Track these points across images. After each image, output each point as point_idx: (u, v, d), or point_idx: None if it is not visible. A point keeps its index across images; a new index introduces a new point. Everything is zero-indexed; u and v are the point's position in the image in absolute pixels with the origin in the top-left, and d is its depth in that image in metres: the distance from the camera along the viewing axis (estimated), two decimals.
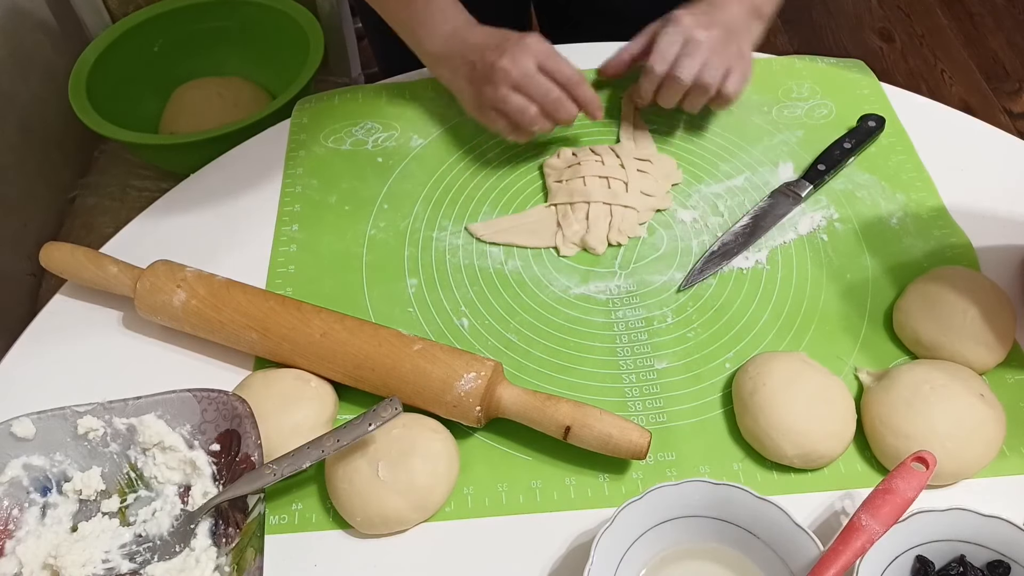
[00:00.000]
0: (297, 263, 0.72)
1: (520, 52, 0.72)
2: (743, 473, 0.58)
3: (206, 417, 0.57)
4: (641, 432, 0.56)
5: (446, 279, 0.71)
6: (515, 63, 0.72)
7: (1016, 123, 1.93)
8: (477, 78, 0.74)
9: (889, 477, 0.51)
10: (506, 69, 0.72)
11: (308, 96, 0.88)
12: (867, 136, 0.78)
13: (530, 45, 0.73)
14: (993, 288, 0.64)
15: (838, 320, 0.67)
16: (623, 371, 0.64)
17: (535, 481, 0.58)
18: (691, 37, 0.74)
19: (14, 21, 1.26)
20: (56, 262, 0.68)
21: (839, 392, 0.59)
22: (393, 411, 0.55)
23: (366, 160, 0.81)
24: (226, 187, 0.79)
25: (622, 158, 0.77)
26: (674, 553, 0.53)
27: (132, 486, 0.57)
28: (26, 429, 0.55)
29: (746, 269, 0.70)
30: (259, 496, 0.53)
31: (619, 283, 0.70)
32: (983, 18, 2.18)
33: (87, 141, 1.31)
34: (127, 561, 0.54)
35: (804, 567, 0.49)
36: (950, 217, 0.73)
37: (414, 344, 0.60)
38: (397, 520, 0.55)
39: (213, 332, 0.64)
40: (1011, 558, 0.50)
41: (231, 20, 1.31)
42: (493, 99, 0.73)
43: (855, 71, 0.87)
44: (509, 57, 0.72)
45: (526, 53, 0.72)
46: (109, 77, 1.22)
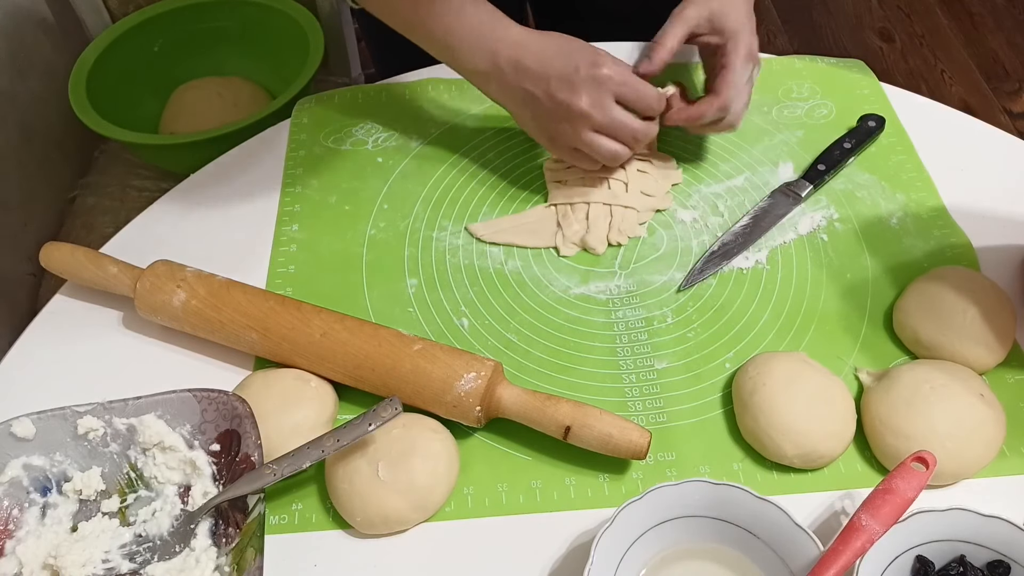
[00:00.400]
0: (297, 263, 0.72)
1: (597, 90, 0.67)
2: (743, 473, 0.58)
3: (206, 417, 0.57)
4: (641, 432, 0.56)
5: (446, 279, 0.71)
6: (596, 105, 0.67)
7: (1016, 123, 1.93)
8: (547, 115, 0.69)
9: (889, 477, 0.51)
10: (587, 113, 0.67)
11: (308, 96, 0.88)
12: (867, 136, 0.78)
13: (603, 77, 0.67)
14: (993, 288, 0.64)
15: (838, 320, 0.67)
16: (623, 371, 0.64)
17: (535, 481, 0.58)
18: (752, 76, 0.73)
19: (14, 21, 1.26)
20: (56, 262, 0.68)
21: (839, 392, 0.59)
22: (393, 411, 0.55)
23: (366, 160, 0.81)
24: (226, 187, 0.79)
25: None
26: (674, 553, 0.53)
27: (132, 486, 0.57)
28: (26, 429, 0.55)
29: (746, 269, 0.70)
30: (259, 496, 0.53)
31: (619, 283, 0.70)
32: (983, 18, 2.18)
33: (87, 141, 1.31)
34: (127, 561, 0.54)
35: (804, 567, 0.49)
36: (950, 217, 0.73)
37: (414, 344, 0.60)
38: (397, 520, 0.55)
39: (213, 332, 0.64)
40: (1011, 558, 0.50)
41: (231, 20, 1.31)
42: (574, 141, 0.69)
43: (855, 71, 0.87)
44: (587, 97, 0.66)
45: (603, 90, 0.67)
46: (109, 77, 1.22)
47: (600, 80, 0.66)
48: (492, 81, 0.70)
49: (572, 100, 0.66)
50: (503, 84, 0.69)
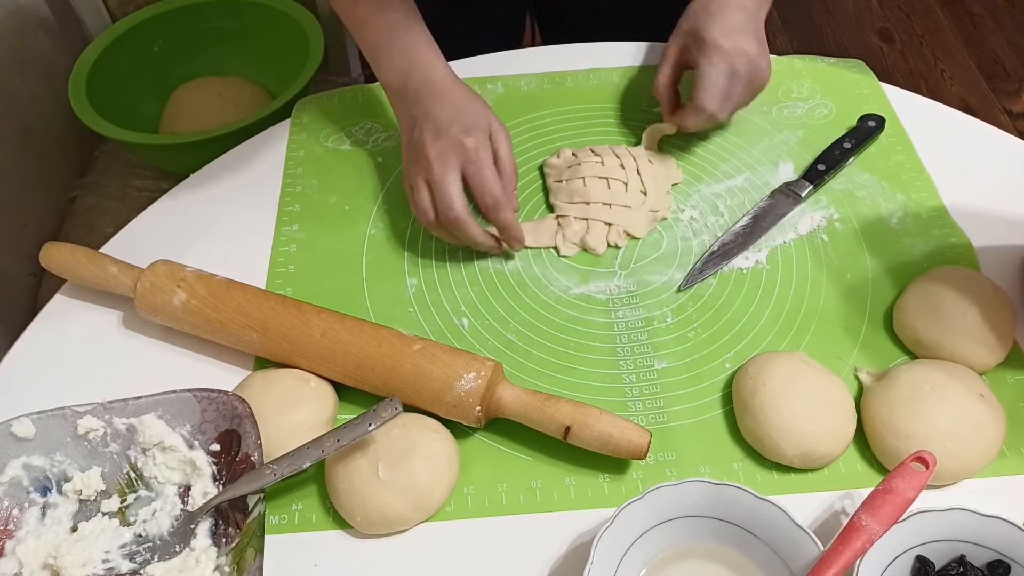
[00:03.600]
0: (297, 263, 0.72)
1: (451, 151, 0.66)
2: (743, 473, 0.58)
3: (206, 417, 0.57)
4: (641, 432, 0.56)
5: (446, 279, 0.71)
6: (439, 159, 0.66)
7: (1016, 123, 1.93)
8: (408, 145, 0.70)
9: (889, 477, 0.51)
10: (428, 162, 0.67)
11: (308, 96, 0.88)
12: (867, 136, 0.78)
13: (463, 144, 0.67)
14: (993, 288, 0.64)
15: (838, 320, 0.67)
16: (623, 371, 0.64)
17: (535, 481, 0.58)
18: (734, 71, 0.71)
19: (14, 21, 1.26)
20: (56, 262, 0.68)
21: (839, 392, 0.59)
22: (393, 411, 0.55)
23: (366, 160, 0.81)
24: (226, 187, 0.79)
25: (622, 158, 0.77)
26: (674, 553, 0.53)
27: (132, 486, 0.57)
28: (26, 429, 0.55)
29: (746, 269, 0.70)
30: (259, 496, 0.53)
31: (619, 283, 0.70)
32: (983, 18, 2.18)
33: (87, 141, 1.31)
34: (127, 561, 0.54)
35: (804, 567, 0.49)
36: (950, 217, 0.73)
37: (414, 344, 0.60)
38: (397, 520, 0.55)
39: (213, 332, 0.64)
40: (1011, 558, 0.50)
41: (231, 20, 1.31)
42: (408, 180, 0.70)
43: (855, 71, 0.87)
44: (438, 150, 0.67)
45: (455, 153, 0.66)
46: (109, 77, 1.22)
47: (458, 144, 0.67)
48: (397, 100, 0.72)
49: (426, 144, 0.67)
50: (402, 103, 0.71)
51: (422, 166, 0.68)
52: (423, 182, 0.68)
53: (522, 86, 0.87)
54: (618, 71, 0.88)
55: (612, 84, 0.87)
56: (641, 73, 0.87)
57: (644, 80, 0.87)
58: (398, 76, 0.71)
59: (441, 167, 0.66)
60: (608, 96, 0.86)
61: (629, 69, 0.88)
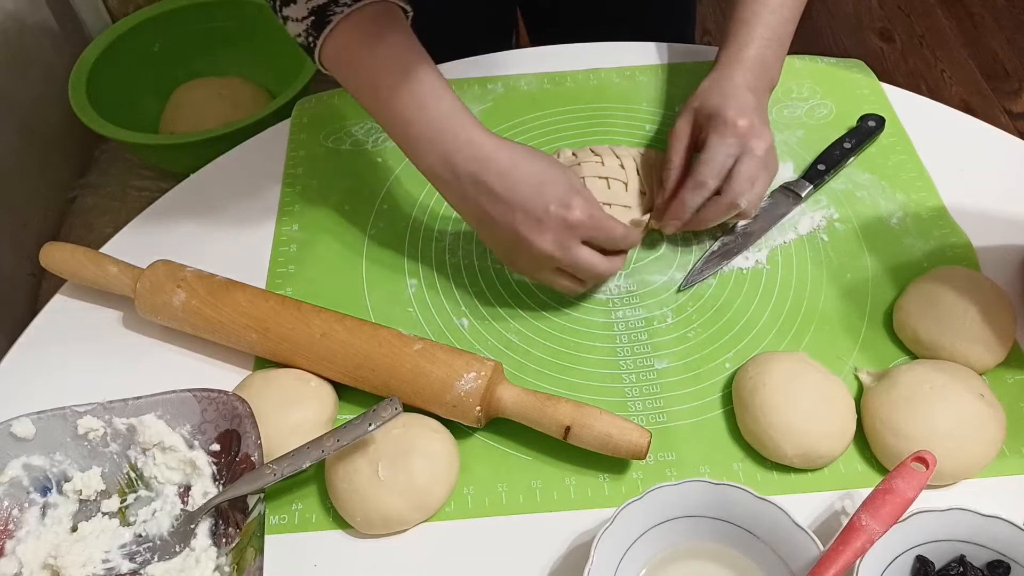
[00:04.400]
0: (297, 263, 0.72)
1: (565, 233, 0.61)
2: (743, 473, 0.58)
3: (206, 417, 0.57)
4: (641, 432, 0.56)
5: (446, 279, 0.71)
6: (561, 248, 0.61)
7: (1016, 123, 1.93)
8: (507, 242, 0.63)
9: (889, 477, 0.51)
10: (550, 255, 0.61)
11: (308, 96, 0.88)
12: (867, 136, 0.78)
13: (573, 222, 0.60)
14: (993, 288, 0.64)
15: (838, 320, 0.67)
16: (623, 371, 0.64)
17: (535, 481, 0.58)
18: (748, 148, 0.66)
19: (14, 21, 1.26)
20: (56, 262, 0.68)
21: (839, 392, 0.59)
22: (393, 411, 0.55)
23: (366, 160, 0.81)
24: (226, 187, 0.79)
25: (622, 158, 0.77)
26: (674, 553, 0.53)
27: (132, 486, 0.57)
28: (26, 429, 0.55)
29: (746, 269, 0.70)
30: (259, 496, 0.53)
31: (619, 283, 0.70)
32: (983, 18, 2.18)
33: (87, 141, 1.31)
34: (127, 561, 0.54)
35: (804, 567, 0.49)
36: (950, 217, 0.73)
37: (414, 344, 0.60)
38: (397, 520, 0.55)
39: (213, 332, 0.64)
40: (1011, 558, 0.50)
41: (231, 20, 1.31)
42: (531, 275, 0.66)
43: (855, 71, 0.87)
44: (553, 240, 0.61)
45: (572, 234, 0.61)
46: (109, 77, 1.22)
47: (570, 224, 0.60)
48: (448, 188, 0.63)
49: (537, 240, 0.61)
50: (462, 195, 0.63)
51: (542, 260, 0.62)
52: (551, 272, 0.64)
53: (522, 86, 0.87)
54: (618, 71, 0.88)
55: (612, 84, 0.87)
56: (642, 73, 0.87)
57: (645, 80, 0.87)
58: (438, 161, 0.62)
59: (566, 252, 0.61)
60: (608, 96, 0.86)
61: (629, 69, 0.88)
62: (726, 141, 0.66)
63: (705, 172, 0.67)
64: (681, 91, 0.85)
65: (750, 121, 0.67)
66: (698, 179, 0.67)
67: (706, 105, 0.69)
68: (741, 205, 0.67)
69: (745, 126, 0.66)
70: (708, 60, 0.87)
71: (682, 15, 1.06)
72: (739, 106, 0.67)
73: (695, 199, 0.67)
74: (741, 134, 0.66)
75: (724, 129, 0.67)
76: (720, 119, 0.67)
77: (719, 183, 0.67)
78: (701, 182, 0.67)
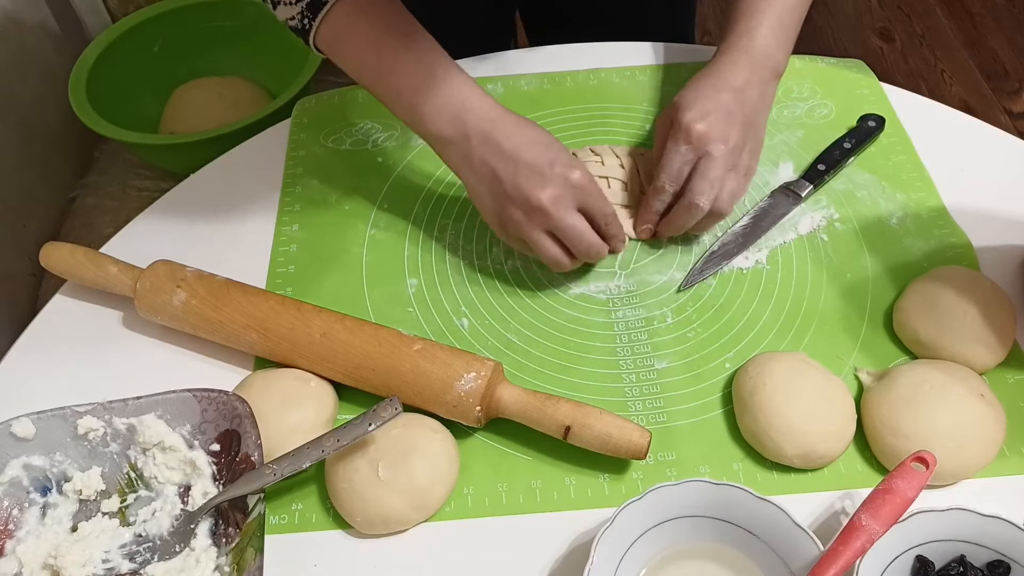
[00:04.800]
0: (297, 263, 0.72)
1: (564, 191, 0.62)
2: (743, 473, 0.58)
3: (206, 417, 0.57)
4: (641, 432, 0.56)
5: (446, 279, 0.71)
6: (557, 204, 0.62)
7: (1016, 123, 1.93)
8: (505, 198, 0.64)
9: (889, 477, 0.51)
10: (546, 210, 0.62)
11: (308, 96, 0.88)
12: (867, 136, 0.78)
13: (575, 181, 0.63)
14: (993, 288, 0.64)
15: (838, 320, 0.67)
16: (623, 371, 0.64)
17: (535, 481, 0.58)
18: (705, 152, 0.66)
19: (14, 21, 1.26)
20: (56, 262, 0.68)
21: (839, 392, 0.59)
22: (393, 411, 0.55)
23: (366, 160, 0.81)
24: (226, 187, 0.79)
25: (622, 158, 0.77)
26: (674, 553, 0.53)
27: (132, 486, 0.57)
28: (26, 429, 0.55)
29: (746, 269, 0.70)
30: (259, 496, 0.53)
31: (619, 283, 0.70)
32: (983, 18, 2.18)
33: (87, 141, 1.31)
34: (127, 561, 0.54)
35: (804, 567, 0.49)
36: (950, 217, 0.73)
37: (414, 344, 0.60)
38: (397, 520, 0.55)
39: (213, 332, 0.64)
40: (1011, 558, 0.50)
41: (231, 20, 1.31)
42: (523, 233, 0.65)
43: (855, 71, 0.87)
44: (552, 194, 0.62)
45: (570, 193, 0.63)
46: (109, 77, 1.22)
47: (571, 183, 0.62)
48: (455, 149, 0.65)
49: (535, 192, 0.62)
50: (467, 154, 0.64)
51: (537, 216, 0.63)
52: (542, 233, 0.64)
53: (522, 86, 0.87)
54: (618, 71, 0.88)
55: (612, 84, 0.87)
56: (642, 73, 0.87)
57: (645, 80, 0.87)
58: (449, 123, 0.64)
59: (562, 212, 0.62)
60: (608, 96, 0.86)
61: (629, 69, 0.88)
62: (679, 148, 0.67)
63: (662, 177, 0.68)
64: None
65: (708, 125, 0.66)
66: (656, 184, 0.69)
67: (677, 103, 0.70)
68: (701, 205, 0.66)
69: (701, 131, 0.66)
70: (708, 60, 0.88)
71: (682, 15, 1.06)
72: (703, 109, 0.67)
73: (656, 204, 0.70)
74: (695, 139, 0.66)
75: (678, 135, 0.67)
76: (677, 123, 0.68)
77: (677, 187, 0.68)
78: (660, 187, 0.68)
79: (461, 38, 0.93)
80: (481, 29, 1.04)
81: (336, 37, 0.65)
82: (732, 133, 0.67)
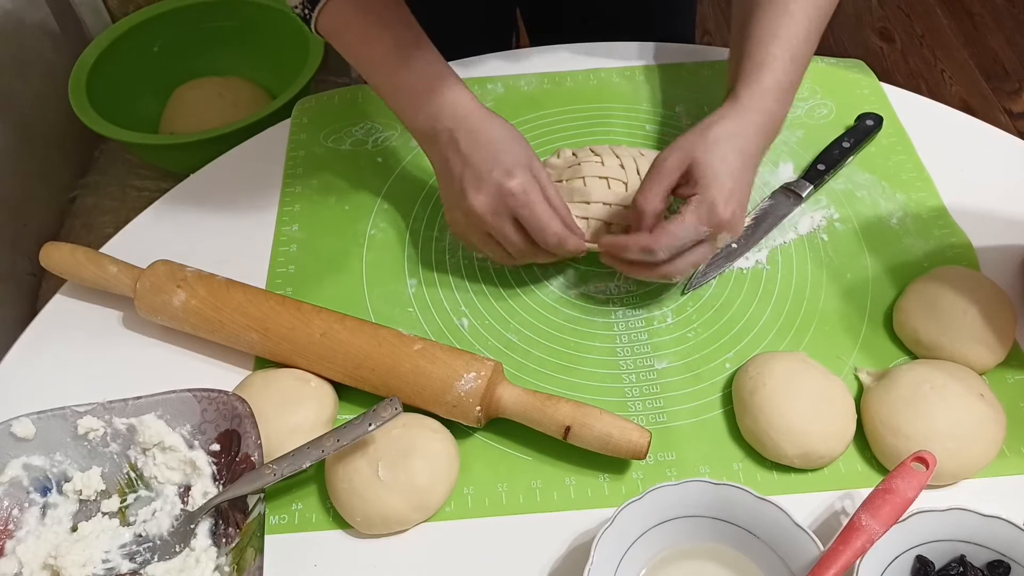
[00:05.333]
0: (297, 263, 0.72)
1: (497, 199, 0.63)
2: (743, 473, 0.58)
3: (206, 417, 0.57)
4: (641, 432, 0.56)
5: (446, 279, 0.71)
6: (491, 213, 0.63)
7: (1016, 123, 1.93)
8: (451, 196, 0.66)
9: (889, 477, 0.51)
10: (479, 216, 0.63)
11: (308, 96, 0.88)
12: (865, 135, 0.78)
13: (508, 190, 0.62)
14: (993, 288, 0.64)
15: (838, 320, 0.67)
16: (623, 371, 0.64)
17: (535, 481, 0.58)
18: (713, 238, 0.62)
19: (14, 21, 1.26)
20: (56, 262, 0.68)
21: (839, 392, 0.59)
22: (393, 411, 0.55)
23: (366, 160, 0.81)
24: (226, 187, 0.79)
25: (622, 158, 0.77)
26: (674, 553, 0.53)
27: (132, 486, 0.57)
28: (26, 429, 0.55)
29: (746, 269, 0.70)
30: (259, 496, 0.53)
31: (619, 283, 0.70)
32: (983, 18, 2.18)
33: (87, 141, 1.31)
34: (127, 561, 0.54)
35: (804, 567, 0.49)
36: (950, 217, 0.73)
37: (414, 344, 0.60)
38: (397, 520, 0.55)
39: (213, 332, 0.64)
40: (1011, 558, 0.50)
41: (231, 20, 1.31)
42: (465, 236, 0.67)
43: (855, 71, 0.87)
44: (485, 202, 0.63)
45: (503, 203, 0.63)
46: (109, 77, 1.22)
47: (505, 191, 0.62)
48: (432, 146, 0.67)
49: (472, 198, 0.63)
50: (434, 147, 0.66)
51: (473, 222, 0.64)
52: (485, 236, 0.65)
53: (522, 86, 0.87)
54: (618, 71, 0.88)
55: (612, 84, 0.87)
56: (641, 73, 0.87)
57: (645, 80, 0.87)
58: (426, 119, 0.65)
59: (496, 219, 0.63)
60: (608, 96, 0.86)
61: (629, 69, 0.88)
62: (699, 229, 0.60)
63: (664, 244, 0.60)
64: (681, 91, 0.85)
65: (732, 214, 0.61)
66: (651, 246, 0.61)
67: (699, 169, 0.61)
68: (672, 281, 0.65)
69: (725, 219, 0.60)
70: (708, 60, 0.88)
71: (682, 15, 1.06)
72: (729, 188, 0.61)
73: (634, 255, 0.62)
74: (716, 224, 0.60)
75: (701, 209, 0.60)
76: (706, 199, 0.60)
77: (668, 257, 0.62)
78: (652, 251, 0.61)
79: (462, 37, 0.93)
80: (482, 28, 1.04)
81: (335, 27, 0.67)
82: (740, 223, 0.62)
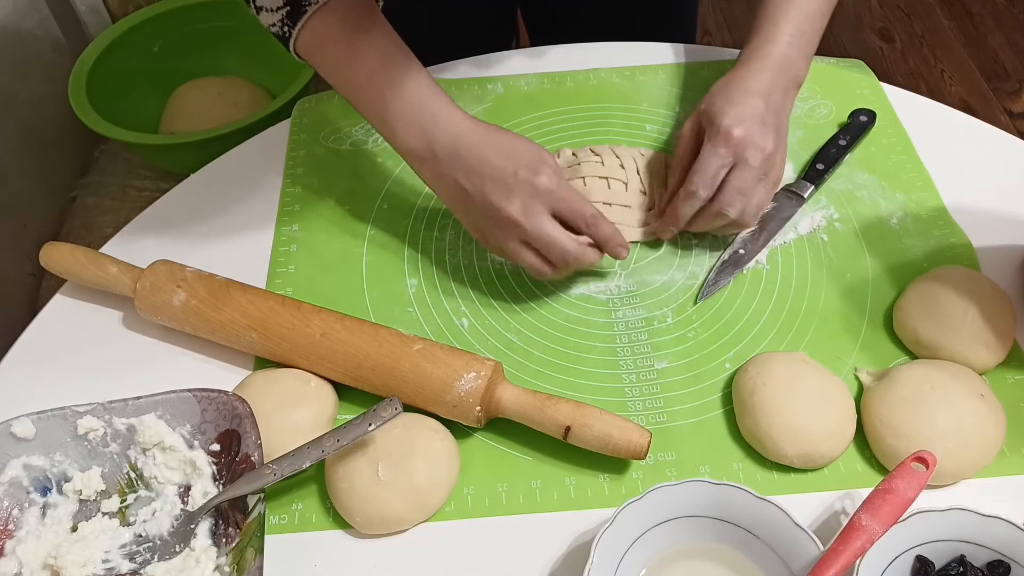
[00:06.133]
0: (297, 263, 0.72)
1: (531, 199, 0.61)
2: (743, 473, 0.58)
3: (206, 417, 0.57)
4: (641, 432, 0.56)
5: (446, 279, 0.71)
6: (527, 215, 0.61)
7: (1016, 123, 1.93)
8: (478, 214, 0.64)
9: (889, 477, 0.51)
10: (516, 222, 0.61)
11: (308, 96, 0.88)
12: (860, 131, 0.78)
13: (540, 187, 0.61)
14: (993, 288, 0.64)
15: (838, 320, 0.67)
16: (623, 371, 0.64)
17: (535, 481, 0.58)
18: (742, 159, 0.65)
19: (14, 21, 1.26)
20: (56, 262, 0.68)
21: (839, 392, 0.59)
22: (393, 411, 0.55)
23: (366, 160, 0.81)
24: (226, 187, 0.79)
25: (622, 158, 0.77)
26: (674, 553, 0.53)
27: (132, 486, 0.57)
28: (26, 429, 0.55)
29: (746, 269, 0.70)
30: (259, 496, 0.53)
31: (619, 283, 0.70)
32: (983, 18, 2.18)
33: (87, 141, 1.31)
34: (127, 561, 0.54)
35: (804, 567, 0.49)
36: (950, 217, 0.73)
37: (414, 344, 0.60)
38: (397, 520, 0.55)
39: (213, 332, 0.64)
40: (1011, 558, 0.50)
41: (231, 20, 1.31)
42: (501, 249, 0.65)
43: (855, 71, 0.87)
44: (520, 205, 0.61)
45: (538, 200, 0.62)
46: (109, 77, 1.22)
47: (537, 189, 0.61)
48: (425, 166, 0.64)
49: (503, 205, 0.61)
50: (436, 172, 0.64)
51: (508, 229, 0.62)
52: (519, 244, 0.63)
53: (522, 86, 0.87)
54: (618, 71, 0.88)
55: (612, 84, 0.87)
56: (642, 73, 0.87)
57: (645, 80, 0.87)
58: (417, 139, 0.63)
59: (533, 222, 0.62)
60: (608, 96, 0.86)
61: (629, 69, 0.88)
62: (718, 151, 0.65)
63: (696, 182, 0.66)
64: (681, 91, 0.85)
65: (746, 130, 0.65)
66: (689, 189, 0.66)
67: (708, 110, 0.68)
68: (729, 215, 0.66)
69: (740, 136, 0.64)
70: (708, 60, 0.88)
71: (682, 15, 1.06)
72: (739, 114, 0.65)
73: (686, 209, 0.68)
74: (735, 144, 0.65)
75: (717, 139, 0.65)
76: (715, 127, 0.66)
77: (711, 193, 0.66)
78: (692, 192, 0.66)
79: (463, 37, 0.93)
80: (482, 28, 1.04)
81: (315, 46, 0.65)
82: (768, 139, 0.66)
